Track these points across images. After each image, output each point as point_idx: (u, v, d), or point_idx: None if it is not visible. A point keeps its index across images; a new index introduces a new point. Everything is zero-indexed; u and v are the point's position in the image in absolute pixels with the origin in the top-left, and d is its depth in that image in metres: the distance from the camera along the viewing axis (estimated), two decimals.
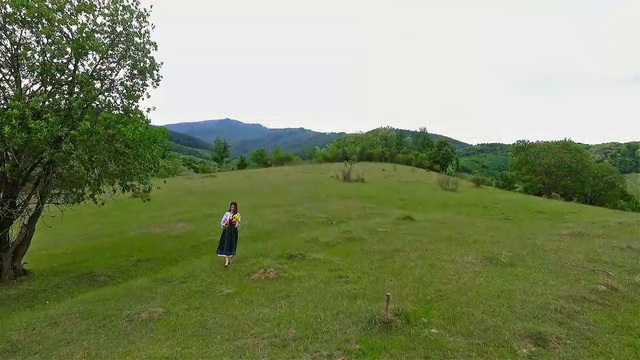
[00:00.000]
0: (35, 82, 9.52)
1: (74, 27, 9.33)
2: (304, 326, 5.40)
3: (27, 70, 9.21)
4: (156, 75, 11.02)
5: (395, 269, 8.30)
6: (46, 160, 9.35)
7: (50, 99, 9.23)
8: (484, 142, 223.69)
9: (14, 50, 9.01)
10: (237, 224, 9.83)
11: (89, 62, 9.92)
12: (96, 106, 10.26)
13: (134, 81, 10.85)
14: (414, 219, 14.80)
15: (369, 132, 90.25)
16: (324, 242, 11.39)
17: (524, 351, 4.49)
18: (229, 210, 9.82)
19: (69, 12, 9.28)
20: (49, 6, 8.78)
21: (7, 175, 8.89)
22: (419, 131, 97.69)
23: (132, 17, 10.21)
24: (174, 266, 10.84)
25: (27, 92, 9.38)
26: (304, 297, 6.80)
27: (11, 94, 8.99)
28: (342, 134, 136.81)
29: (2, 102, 9.12)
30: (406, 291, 6.70)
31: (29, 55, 8.90)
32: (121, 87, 10.69)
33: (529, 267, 7.96)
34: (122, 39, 10.17)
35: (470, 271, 7.75)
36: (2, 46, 9.04)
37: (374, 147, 75.12)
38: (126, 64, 10.52)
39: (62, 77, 9.35)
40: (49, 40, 8.92)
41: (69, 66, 9.54)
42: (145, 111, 11.25)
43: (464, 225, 13.85)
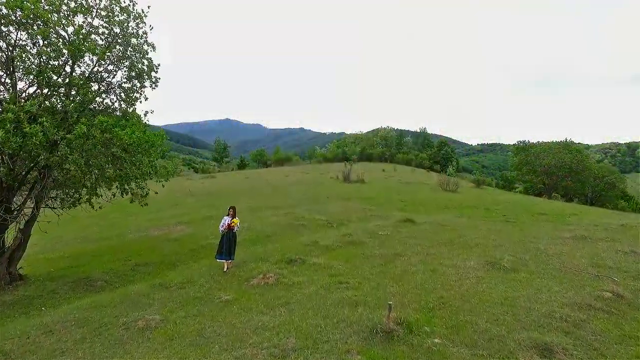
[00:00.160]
0: (31, 84, 9.40)
1: (70, 29, 9.20)
2: (304, 335, 5.28)
3: (22, 72, 9.10)
4: (154, 77, 10.90)
5: (396, 274, 8.18)
6: (42, 164, 9.21)
7: (46, 102, 9.10)
8: (484, 142, 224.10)
9: (9, 52, 8.88)
10: (235, 228, 9.69)
11: (86, 64, 9.81)
12: (94, 109, 10.13)
13: (132, 83, 10.72)
14: (414, 222, 14.68)
15: (369, 132, 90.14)
16: (324, 245, 11.26)
17: None
18: (228, 214, 9.70)
19: (65, 14, 9.15)
20: (45, 8, 8.64)
21: (3, 179, 8.76)
22: (419, 131, 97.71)
23: (129, 18, 10.09)
24: (172, 271, 10.71)
25: (23, 95, 9.25)
26: (304, 304, 6.67)
27: (6, 97, 8.85)
28: (342, 134, 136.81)
29: None
30: (408, 298, 6.58)
31: (25, 57, 8.78)
32: (119, 90, 10.56)
33: (532, 272, 7.83)
34: (119, 41, 10.05)
35: (472, 277, 7.61)
36: None
37: (374, 148, 75.03)
38: (124, 65, 10.39)
39: (59, 79, 9.22)
40: (45, 42, 8.80)
41: (66, 68, 9.41)
42: (142, 115, 11.14)
43: (465, 228, 13.72)
